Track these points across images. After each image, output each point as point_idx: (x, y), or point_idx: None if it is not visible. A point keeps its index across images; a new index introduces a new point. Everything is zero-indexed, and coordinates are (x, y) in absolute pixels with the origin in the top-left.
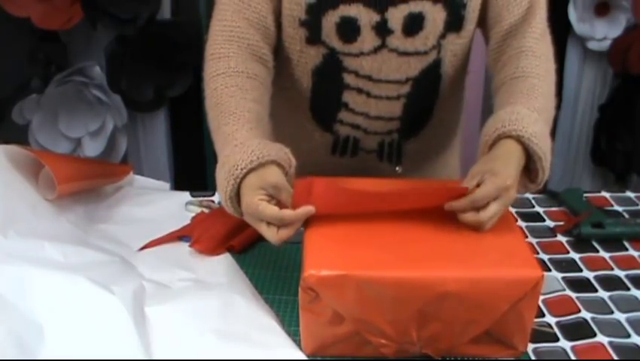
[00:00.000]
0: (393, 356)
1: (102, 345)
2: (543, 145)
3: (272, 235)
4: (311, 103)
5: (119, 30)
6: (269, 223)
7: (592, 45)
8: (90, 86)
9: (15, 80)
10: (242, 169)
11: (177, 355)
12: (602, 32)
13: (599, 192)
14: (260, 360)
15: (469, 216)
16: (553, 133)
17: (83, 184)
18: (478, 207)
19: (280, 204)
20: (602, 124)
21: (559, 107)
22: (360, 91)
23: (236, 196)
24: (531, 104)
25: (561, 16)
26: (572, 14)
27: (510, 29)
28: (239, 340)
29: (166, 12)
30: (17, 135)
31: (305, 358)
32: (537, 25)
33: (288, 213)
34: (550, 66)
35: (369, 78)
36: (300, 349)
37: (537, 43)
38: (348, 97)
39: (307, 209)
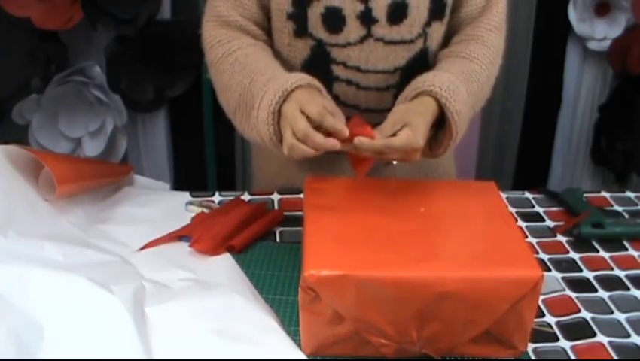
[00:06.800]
0: (393, 356)
1: (102, 345)
2: (461, 128)
3: (290, 141)
4: None
5: (119, 30)
6: (293, 134)
7: (592, 45)
8: (90, 86)
9: (15, 80)
10: (301, 78)
11: (177, 355)
12: (602, 32)
13: (599, 192)
14: (260, 360)
15: (372, 153)
16: (553, 133)
17: (84, 185)
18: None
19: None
20: (602, 124)
21: (558, 107)
22: (349, 83)
23: (278, 113)
24: (466, 86)
25: (561, 16)
26: (572, 14)
27: (467, 17)
28: (238, 340)
29: (166, 12)
30: (17, 135)
31: (305, 358)
32: (494, 18)
33: (313, 131)
34: (496, 59)
35: (357, 69)
36: (300, 349)
37: (489, 35)
38: (338, 89)
39: (331, 141)
